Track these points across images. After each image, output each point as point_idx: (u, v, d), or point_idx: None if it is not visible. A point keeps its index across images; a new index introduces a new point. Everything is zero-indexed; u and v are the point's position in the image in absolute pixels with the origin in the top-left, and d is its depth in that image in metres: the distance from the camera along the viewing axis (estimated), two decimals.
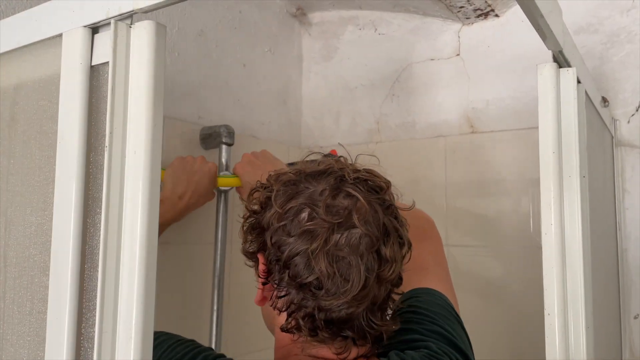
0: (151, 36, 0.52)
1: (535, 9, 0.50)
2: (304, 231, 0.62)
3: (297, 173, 0.68)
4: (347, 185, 0.65)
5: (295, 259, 0.63)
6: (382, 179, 0.69)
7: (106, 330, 0.50)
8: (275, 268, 0.65)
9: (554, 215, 0.61)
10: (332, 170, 0.67)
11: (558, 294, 0.60)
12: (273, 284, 0.66)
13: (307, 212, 0.63)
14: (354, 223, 0.62)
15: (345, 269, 0.61)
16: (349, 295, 0.61)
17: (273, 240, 0.65)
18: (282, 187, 0.67)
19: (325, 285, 0.61)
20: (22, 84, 0.63)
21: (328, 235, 0.61)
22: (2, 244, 0.62)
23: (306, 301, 0.63)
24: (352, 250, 0.62)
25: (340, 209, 0.63)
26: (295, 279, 0.63)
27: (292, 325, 0.65)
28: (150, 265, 0.50)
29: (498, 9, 1.39)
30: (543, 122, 0.62)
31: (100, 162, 0.54)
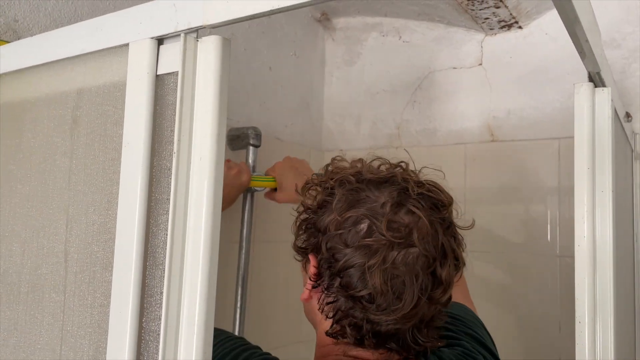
0: (218, 50, 0.55)
1: (581, 31, 0.53)
2: (363, 245, 0.62)
3: (358, 178, 0.67)
4: (410, 200, 0.64)
5: (350, 271, 0.63)
6: (446, 195, 0.68)
7: (170, 325, 0.53)
8: (326, 273, 0.65)
9: (586, 228, 0.64)
10: (395, 180, 0.66)
11: (589, 303, 0.63)
12: (322, 287, 0.66)
13: (367, 224, 0.63)
14: (413, 242, 0.62)
15: (399, 287, 0.61)
16: (399, 314, 0.61)
17: (328, 246, 0.65)
18: (343, 192, 0.66)
19: (377, 300, 0.61)
20: (85, 89, 0.66)
21: (386, 252, 0.61)
22: (63, 240, 0.65)
23: (354, 311, 0.63)
24: (408, 269, 0.61)
25: (401, 226, 0.62)
26: (346, 289, 0.63)
27: (337, 330, 0.66)
28: (212, 264, 0.54)
29: (522, 21, 1.42)
30: (579, 139, 0.65)
31: (164, 166, 0.58)
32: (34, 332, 0.66)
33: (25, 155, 0.72)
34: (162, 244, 0.56)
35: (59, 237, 0.65)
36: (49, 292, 0.65)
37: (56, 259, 0.65)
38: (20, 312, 0.68)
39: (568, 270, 1.36)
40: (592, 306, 0.63)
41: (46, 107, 0.70)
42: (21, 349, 0.67)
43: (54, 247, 0.66)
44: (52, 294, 0.65)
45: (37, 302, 0.67)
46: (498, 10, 1.33)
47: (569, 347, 1.33)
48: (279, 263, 1.48)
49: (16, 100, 0.75)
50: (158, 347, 0.53)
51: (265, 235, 1.43)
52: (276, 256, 1.48)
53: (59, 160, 0.67)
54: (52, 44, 0.69)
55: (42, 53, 0.70)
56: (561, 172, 1.39)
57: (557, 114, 1.41)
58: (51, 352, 0.64)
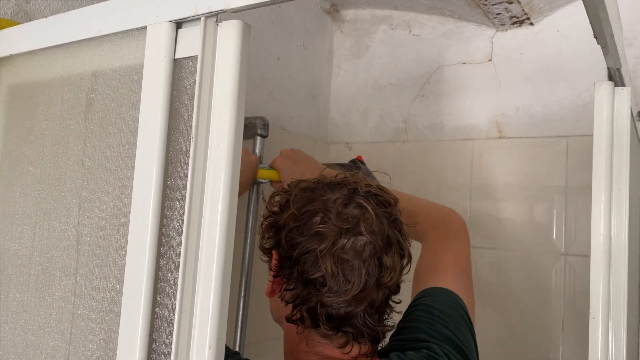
0: (239, 34, 0.55)
1: (607, 25, 0.52)
2: (315, 232, 0.70)
3: (316, 182, 0.77)
4: (358, 196, 0.72)
5: (305, 257, 0.70)
6: (391, 196, 0.77)
7: (185, 311, 0.53)
8: (286, 264, 0.73)
9: (603, 226, 0.65)
10: (347, 183, 0.75)
11: (603, 299, 0.64)
12: (283, 278, 0.74)
13: (320, 216, 0.71)
14: (360, 231, 0.69)
15: (348, 270, 0.68)
16: (349, 295, 0.68)
17: (287, 239, 0.72)
18: (300, 192, 0.75)
19: (329, 283, 0.68)
20: (101, 72, 0.65)
21: (336, 238, 0.69)
22: (75, 223, 0.65)
23: (310, 296, 0.70)
24: (356, 254, 0.69)
25: (350, 217, 0.70)
26: (302, 275, 0.70)
27: (296, 317, 0.72)
28: (228, 252, 0.53)
29: (534, 17, 1.42)
30: (598, 138, 0.65)
31: (180, 151, 0.57)
32: (43, 314, 0.66)
33: (38, 137, 0.71)
34: (177, 229, 0.56)
35: (71, 220, 0.65)
36: (60, 275, 0.65)
37: (68, 242, 0.65)
38: (30, 295, 0.68)
39: (573, 268, 1.36)
40: (607, 303, 0.63)
41: (60, 89, 0.70)
42: (30, 331, 0.67)
43: (66, 230, 0.65)
44: (62, 277, 0.65)
45: (47, 285, 0.66)
46: (511, 5, 1.33)
47: (571, 346, 1.34)
48: None
49: (29, 81, 0.74)
50: (171, 333, 0.53)
51: None
52: None
53: (72, 142, 0.67)
54: (68, 26, 0.68)
55: (57, 34, 0.69)
56: (568, 170, 1.38)
57: (566, 112, 1.40)
58: (60, 335, 0.64)
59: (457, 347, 0.77)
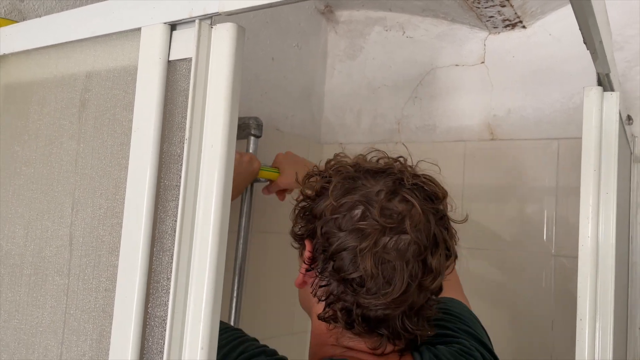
0: (233, 37, 0.55)
1: (596, 32, 0.53)
2: (356, 229, 0.64)
3: (356, 168, 0.69)
4: (404, 189, 0.66)
5: (342, 254, 0.64)
6: (440, 188, 0.70)
7: (177, 311, 0.53)
8: (320, 257, 0.67)
9: (591, 228, 0.65)
10: (392, 171, 0.68)
11: (590, 301, 0.64)
12: (316, 271, 0.68)
13: (361, 209, 0.65)
14: (405, 229, 0.63)
15: (389, 272, 0.63)
16: (389, 298, 0.63)
17: (323, 231, 0.66)
18: (340, 179, 0.68)
19: (368, 284, 0.63)
20: (95, 72, 0.66)
21: (378, 236, 0.63)
22: (68, 223, 0.65)
23: (346, 295, 0.65)
24: (399, 255, 0.63)
25: (394, 213, 0.64)
26: (339, 272, 0.65)
27: (329, 315, 0.67)
28: (220, 252, 0.54)
29: (526, 20, 1.43)
30: (586, 142, 0.66)
31: (174, 153, 0.58)
32: (36, 314, 0.66)
33: (31, 137, 0.71)
34: (170, 230, 0.56)
35: (64, 220, 0.65)
36: (53, 274, 0.65)
37: (61, 242, 0.65)
38: (22, 294, 0.68)
39: (562, 269, 1.37)
40: (594, 304, 0.64)
41: (54, 90, 0.70)
42: (22, 331, 0.67)
43: (59, 230, 0.66)
44: (55, 276, 0.65)
45: (40, 285, 0.66)
46: (503, 9, 1.34)
47: (561, 346, 1.35)
48: (275, 254, 1.49)
49: (23, 81, 0.74)
50: (164, 333, 0.53)
51: (263, 226, 1.43)
52: (273, 247, 1.48)
53: (65, 143, 0.67)
54: (62, 26, 0.68)
55: (51, 34, 0.69)
56: (559, 172, 1.40)
57: (558, 115, 1.41)
58: (53, 335, 0.64)
59: (481, 342, 0.76)
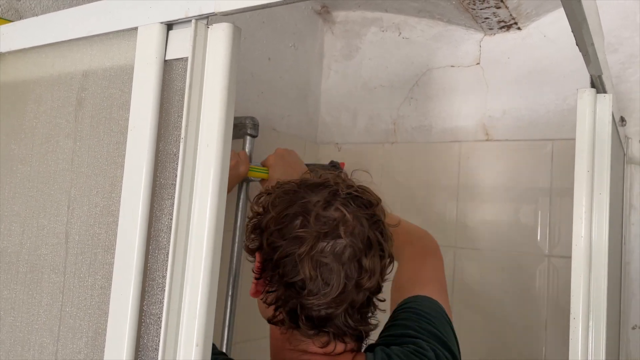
0: (229, 37, 0.55)
1: (587, 34, 0.54)
2: (295, 237, 0.70)
3: (299, 184, 0.76)
4: (338, 198, 0.73)
5: (285, 260, 0.70)
6: (373, 196, 0.76)
7: (172, 309, 0.54)
8: (268, 266, 0.73)
9: (584, 228, 0.66)
10: (328, 184, 0.75)
11: (584, 300, 0.65)
12: (265, 280, 0.74)
13: (300, 219, 0.71)
14: (339, 234, 0.70)
15: (327, 274, 0.69)
16: (328, 298, 0.69)
17: (268, 242, 0.73)
18: (282, 194, 0.75)
19: (308, 286, 0.69)
20: (92, 71, 0.66)
21: (315, 242, 0.69)
22: (64, 221, 0.65)
23: (290, 298, 0.71)
24: (335, 258, 0.69)
25: (329, 220, 0.71)
26: (283, 278, 0.71)
27: (278, 318, 0.73)
28: (216, 250, 0.54)
29: (521, 22, 1.44)
30: (580, 143, 0.67)
31: (170, 152, 0.58)
32: (31, 312, 0.66)
33: (27, 136, 0.72)
34: (166, 228, 0.57)
35: (60, 218, 0.66)
36: (49, 272, 0.65)
37: (57, 240, 0.65)
38: (18, 292, 0.68)
39: (556, 270, 1.38)
40: (587, 303, 0.65)
41: (50, 88, 0.70)
42: (18, 328, 0.67)
43: (55, 228, 0.66)
44: (51, 274, 0.65)
45: (35, 282, 0.67)
46: (498, 10, 1.35)
47: (554, 346, 1.36)
48: None
49: (19, 79, 0.74)
50: (159, 331, 0.53)
51: None
52: None
53: (62, 141, 0.67)
54: (59, 25, 0.68)
55: (48, 33, 0.70)
56: (553, 173, 1.41)
57: (552, 116, 1.42)
58: (49, 332, 0.64)
59: (444, 344, 0.79)
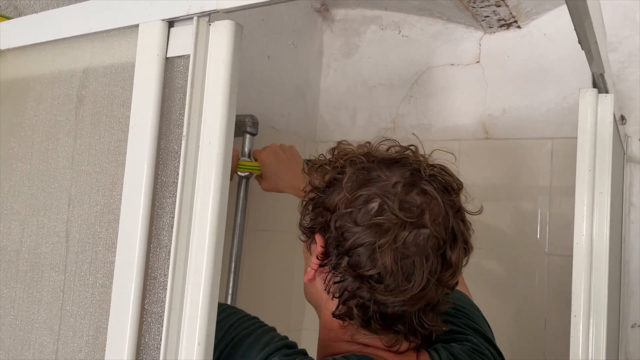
0: (231, 34, 0.55)
1: (591, 32, 0.54)
2: (373, 224, 0.61)
3: (369, 158, 0.66)
4: (422, 181, 0.63)
5: (359, 250, 0.62)
6: (456, 179, 0.68)
7: (174, 308, 0.53)
8: (334, 252, 0.64)
9: (585, 227, 0.66)
10: (407, 162, 0.65)
11: (585, 298, 0.65)
12: (329, 267, 0.65)
13: (378, 203, 0.62)
14: (424, 223, 0.61)
15: (409, 268, 0.61)
16: (408, 295, 0.61)
17: (337, 225, 0.63)
18: (354, 170, 0.65)
19: (386, 281, 0.61)
20: (92, 69, 0.66)
21: (398, 232, 0.60)
22: (65, 219, 0.65)
23: (362, 291, 0.62)
24: (418, 250, 0.61)
25: (414, 207, 0.62)
26: (355, 269, 0.62)
27: (343, 312, 0.65)
28: (218, 249, 0.54)
29: (521, 20, 1.43)
30: (581, 143, 0.67)
31: (171, 149, 0.58)
32: (32, 310, 0.66)
33: (27, 133, 0.71)
34: (167, 226, 0.57)
35: (61, 216, 0.65)
36: (49, 271, 0.65)
37: (57, 238, 0.65)
38: (18, 290, 0.68)
39: (555, 268, 1.38)
40: (588, 301, 0.65)
41: (50, 86, 0.70)
42: (18, 327, 0.67)
43: (55, 226, 0.66)
44: (51, 273, 0.65)
45: (36, 281, 0.66)
46: (499, 8, 1.34)
47: (553, 344, 1.36)
48: (271, 252, 1.49)
49: (19, 77, 0.74)
50: (161, 329, 0.53)
51: (258, 224, 1.43)
52: (269, 245, 1.49)
53: (62, 139, 0.67)
54: (59, 22, 0.68)
55: (48, 30, 0.69)
56: (553, 171, 1.40)
57: (552, 114, 1.42)
58: (49, 331, 0.64)
59: (487, 338, 0.75)
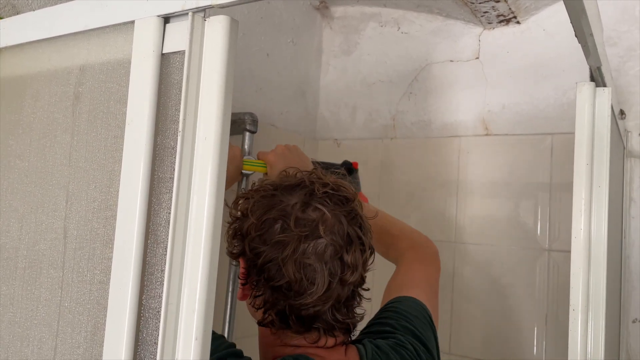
0: (226, 30, 0.55)
1: (587, 25, 0.53)
2: (277, 241, 0.71)
3: (275, 186, 0.77)
4: (315, 198, 0.74)
5: (269, 265, 0.72)
6: (349, 191, 0.78)
7: (171, 303, 0.53)
8: (253, 271, 0.75)
9: (583, 221, 0.66)
10: (304, 185, 0.76)
11: (583, 292, 0.65)
12: (251, 284, 0.75)
13: (280, 224, 0.72)
14: (319, 234, 0.71)
15: (311, 274, 0.71)
16: (315, 296, 0.70)
17: (250, 247, 0.74)
18: (260, 199, 0.76)
19: (294, 287, 0.71)
20: (88, 66, 0.66)
21: (297, 245, 0.70)
22: (62, 216, 0.65)
23: (278, 300, 0.72)
24: (317, 257, 0.71)
25: (308, 222, 0.72)
26: (269, 282, 0.72)
27: (267, 320, 0.75)
28: (214, 244, 0.54)
29: (520, 16, 1.43)
30: (579, 136, 0.68)
31: (168, 145, 0.58)
32: (30, 307, 0.66)
33: (25, 131, 0.71)
34: (164, 222, 0.57)
35: (58, 213, 0.65)
36: (47, 267, 0.65)
37: (55, 235, 0.65)
38: (16, 288, 0.68)
39: (556, 264, 1.38)
40: (586, 295, 0.65)
41: (47, 83, 0.70)
42: (17, 324, 0.67)
43: (53, 223, 0.66)
44: (50, 269, 0.65)
45: (34, 278, 0.67)
46: (497, 4, 1.34)
47: (554, 339, 1.36)
48: None
49: (16, 75, 0.74)
50: (158, 325, 0.53)
51: None
52: None
53: (59, 136, 0.67)
54: (55, 20, 0.68)
55: (44, 28, 0.69)
56: (553, 167, 1.40)
57: (551, 110, 1.42)
58: (48, 328, 0.64)
59: (420, 339, 0.82)
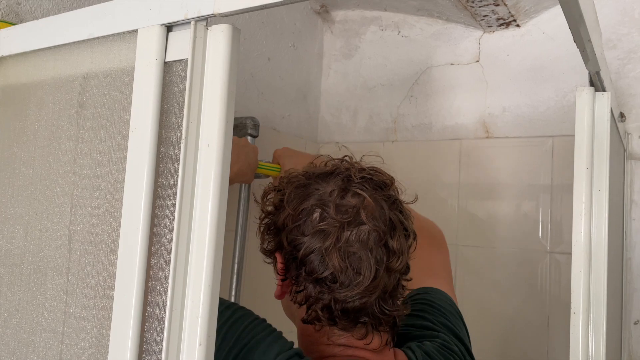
0: (228, 39, 0.56)
1: (584, 31, 0.54)
2: (317, 231, 0.68)
3: (307, 175, 0.74)
4: (353, 184, 0.71)
5: (311, 257, 0.68)
6: (387, 176, 0.75)
7: (175, 309, 0.54)
8: (292, 265, 0.71)
9: (584, 224, 0.67)
10: (339, 171, 0.73)
11: (584, 295, 0.66)
12: (291, 280, 0.72)
13: (319, 212, 0.69)
14: (362, 220, 0.68)
15: (356, 263, 0.67)
16: (362, 287, 0.67)
17: (289, 240, 0.71)
18: (294, 190, 0.73)
19: (339, 278, 0.67)
20: (92, 74, 0.66)
21: (339, 233, 0.67)
22: (67, 223, 0.66)
23: (322, 294, 0.69)
24: (362, 245, 0.67)
25: (349, 208, 0.68)
26: (311, 275, 0.69)
27: (312, 316, 0.71)
28: (217, 250, 0.55)
29: (520, 19, 1.44)
30: (579, 140, 0.68)
31: (171, 152, 0.58)
32: (35, 313, 0.67)
33: (30, 138, 0.72)
34: (168, 228, 0.57)
35: (63, 220, 0.66)
36: (52, 274, 0.66)
37: (60, 242, 0.66)
38: (22, 294, 0.69)
39: (558, 266, 1.38)
40: (587, 298, 0.66)
41: (52, 91, 0.70)
42: (22, 330, 0.68)
43: (58, 230, 0.66)
44: (55, 276, 0.66)
45: (39, 284, 0.67)
46: (497, 7, 1.35)
47: (556, 341, 1.36)
48: None
49: (20, 82, 0.75)
50: (162, 330, 0.54)
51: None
52: None
53: (64, 144, 0.68)
54: (59, 28, 0.69)
55: (48, 36, 0.70)
56: (554, 169, 1.41)
57: (552, 113, 1.43)
58: (53, 334, 0.64)
59: (457, 336, 0.79)
